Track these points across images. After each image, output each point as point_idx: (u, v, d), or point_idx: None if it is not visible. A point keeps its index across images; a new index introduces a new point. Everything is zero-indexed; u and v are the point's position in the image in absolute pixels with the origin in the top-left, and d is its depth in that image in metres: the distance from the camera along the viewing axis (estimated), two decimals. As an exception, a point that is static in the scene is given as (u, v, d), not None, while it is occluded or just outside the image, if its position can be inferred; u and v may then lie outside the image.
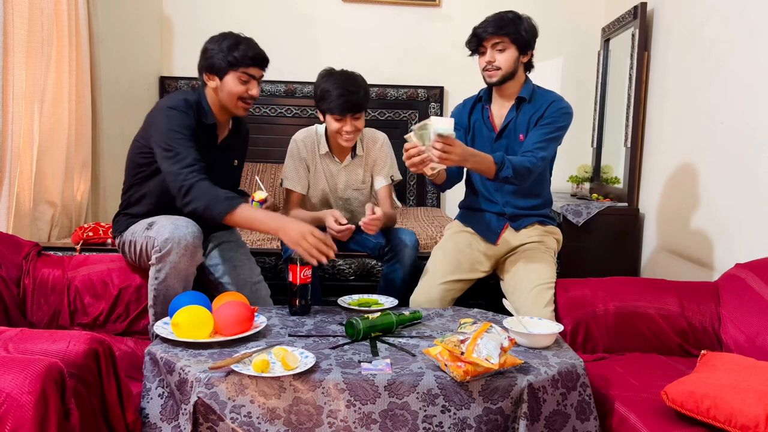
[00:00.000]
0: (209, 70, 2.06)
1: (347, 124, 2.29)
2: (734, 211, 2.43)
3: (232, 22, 4.03)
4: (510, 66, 2.19)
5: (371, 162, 2.51)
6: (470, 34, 2.23)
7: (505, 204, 2.28)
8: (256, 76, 2.07)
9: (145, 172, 2.07)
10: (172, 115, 1.97)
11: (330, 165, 2.47)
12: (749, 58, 2.38)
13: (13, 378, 1.26)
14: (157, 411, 1.57)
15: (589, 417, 1.59)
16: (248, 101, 2.08)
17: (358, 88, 2.27)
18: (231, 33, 2.07)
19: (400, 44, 4.15)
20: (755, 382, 1.49)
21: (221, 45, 2.03)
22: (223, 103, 2.08)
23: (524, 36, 2.18)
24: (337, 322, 1.90)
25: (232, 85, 2.04)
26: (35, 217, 2.66)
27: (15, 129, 2.46)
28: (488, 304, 2.47)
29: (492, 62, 2.18)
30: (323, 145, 2.44)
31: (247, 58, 2.03)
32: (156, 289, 1.91)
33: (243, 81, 2.05)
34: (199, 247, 1.92)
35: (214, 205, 1.88)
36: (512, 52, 2.18)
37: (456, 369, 1.48)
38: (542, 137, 2.15)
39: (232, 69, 2.03)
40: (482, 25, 2.19)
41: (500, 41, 2.16)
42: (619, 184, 3.44)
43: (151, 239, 1.91)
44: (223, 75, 2.04)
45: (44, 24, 2.61)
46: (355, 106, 2.26)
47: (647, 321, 2.07)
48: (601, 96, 3.86)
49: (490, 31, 2.16)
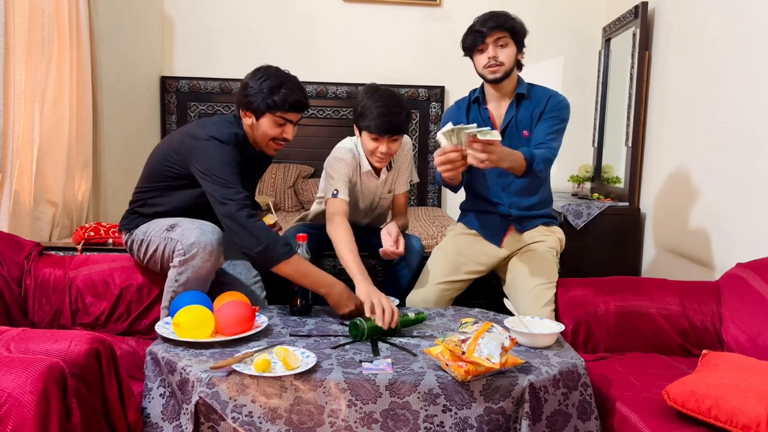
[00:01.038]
0: (247, 107, 2.00)
1: (383, 144, 2.16)
2: (735, 210, 2.43)
3: (234, 21, 4.05)
4: (511, 62, 2.18)
5: (398, 167, 2.41)
6: (467, 32, 2.20)
7: (510, 205, 2.27)
8: (294, 120, 2.03)
9: (171, 185, 2.06)
10: (224, 150, 1.93)
11: (370, 181, 2.35)
12: (750, 58, 2.38)
13: (14, 378, 1.26)
14: (159, 411, 1.57)
15: (591, 417, 1.59)
16: (280, 143, 2.05)
17: (401, 110, 2.14)
18: (275, 72, 2.01)
19: (401, 44, 4.15)
20: (756, 382, 1.49)
21: (262, 85, 1.97)
22: (256, 140, 2.05)
23: (521, 31, 2.19)
24: (338, 321, 1.90)
25: (267, 127, 2.00)
26: (36, 217, 2.66)
27: (16, 129, 2.46)
28: (489, 304, 2.47)
29: (495, 57, 2.16)
30: (365, 163, 2.30)
31: (287, 104, 1.98)
32: (174, 291, 1.91)
33: (279, 124, 2.01)
34: (222, 253, 1.93)
35: (272, 249, 1.85)
36: (512, 47, 2.18)
37: (457, 369, 1.48)
38: (551, 129, 2.16)
39: (269, 111, 1.98)
40: (481, 22, 2.16)
41: (503, 36, 2.15)
42: (620, 183, 3.44)
43: (174, 242, 1.91)
44: (259, 116, 2.00)
45: (45, 24, 2.61)
46: (395, 128, 2.14)
47: (648, 321, 2.07)
48: (602, 95, 3.86)
49: (493, 26, 2.14)
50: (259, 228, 1.86)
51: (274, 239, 1.86)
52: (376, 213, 2.48)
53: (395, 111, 2.12)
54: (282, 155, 4.14)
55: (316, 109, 4.13)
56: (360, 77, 4.08)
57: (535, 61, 4.11)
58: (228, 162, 1.92)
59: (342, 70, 4.16)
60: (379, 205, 2.44)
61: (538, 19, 4.13)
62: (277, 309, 2.01)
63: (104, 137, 3.15)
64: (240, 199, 1.87)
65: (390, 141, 2.16)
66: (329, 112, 4.15)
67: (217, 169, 1.90)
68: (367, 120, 2.13)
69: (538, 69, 4.11)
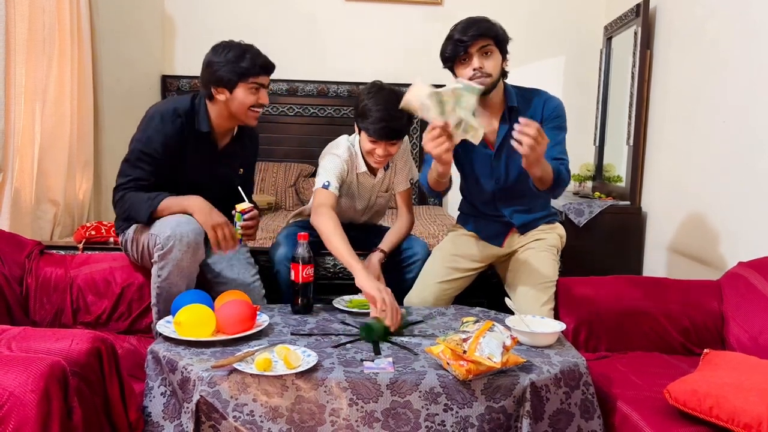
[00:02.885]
0: (218, 83, 1.99)
1: (381, 148, 2.12)
2: (737, 209, 2.43)
3: (234, 20, 4.05)
4: (498, 72, 2.01)
5: (395, 166, 2.38)
6: (446, 41, 2.01)
7: (511, 215, 2.21)
8: (265, 84, 2.04)
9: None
10: (148, 126, 2.00)
11: (366, 181, 2.32)
12: (751, 57, 2.38)
13: (16, 377, 1.26)
14: (160, 409, 1.57)
15: (593, 416, 1.59)
16: (257, 110, 2.05)
17: (402, 114, 2.01)
18: (232, 43, 2.02)
19: (401, 43, 4.15)
20: (758, 381, 1.49)
21: (226, 56, 1.97)
22: (235, 114, 2.04)
23: (505, 38, 2.02)
24: (339, 320, 1.90)
25: (242, 97, 2.00)
26: (37, 216, 2.66)
27: (17, 128, 2.46)
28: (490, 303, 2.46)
29: (481, 68, 1.97)
30: (361, 164, 2.25)
31: (257, 67, 1.98)
32: (159, 287, 1.91)
33: (253, 91, 2.01)
34: (201, 244, 1.92)
35: (138, 208, 1.95)
36: (497, 56, 2.00)
37: (458, 368, 1.48)
38: (555, 140, 2.02)
39: (241, 81, 1.98)
40: (462, 30, 1.97)
41: (487, 44, 1.97)
42: (622, 182, 3.44)
43: (153, 237, 1.91)
44: (232, 87, 1.99)
45: (46, 23, 2.62)
46: (395, 133, 2.09)
47: (650, 319, 2.07)
48: (604, 94, 3.85)
49: (476, 33, 1.95)
50: (130, 199, 1.97)
51: (142, 199, 1.95)
52: (373, 211, 2.47)
53: (396, 116, 2.03)
54: (283, 154, 4.16)
55: (317, 108, 4.13)
56: (361, 76, 4.07)
57: (536, 60, 4.11)
58: (142, 139, 1.99)
59: (343, 69, 4.16)
60: (376, 203, 2.43)
61: (539, 17, 4.14)
62: (278, 308, 2.01)
63: (105, 136, 3.16)
64: (121, 185, 1.99)
65: (389, 145, 2.12)
66: (330, 111, 4.15)
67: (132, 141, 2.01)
68: (366, 122, 2.09)
69: (539, 68, 4.12)
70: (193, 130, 2.03)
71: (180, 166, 2.03)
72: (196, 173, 2.06)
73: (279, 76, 4.03)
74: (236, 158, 2.20)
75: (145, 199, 1.95)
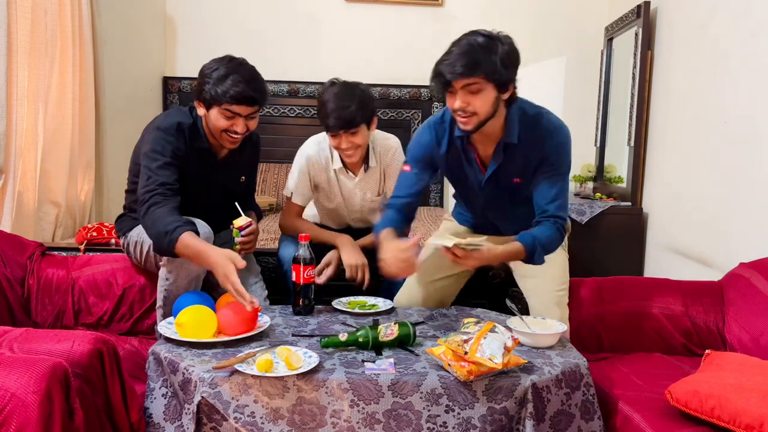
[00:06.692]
0: (197, 97, 1.93)
1: (342, 140, 2.11)
2: (738, 210, 2.42)
3: (235, 22, 4.05)
4: (488, 110, 1.75)
5: (384, 171, 2.35)
6: (433, 72, 1.77)
7: (506, 228, 2.09)
8: (242, 114, 1.90)
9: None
10: (157, 137, 1.91)
11: (345, 180, 2.31)
12: (753, 57, 2.38)
13: (18, 378, 1.26)
14: (161, 411, 1.57)
15: (594, 417, 1.59)
16: (233, 136, 1.94)
17: (351, 102, 2.04)
18: (229, 61, 1.92)
19: (403, 44, 4.15)
20: (760, 382, 1.49)
21: (213, 73, 1.88)
22: (212, 132, 1.97)
23: (502, 71, 1.71)
24: (341, 321, 1.90)
25: (214, 119, 1.91)
26: (39, 218, 2.66)
27: (19, 129, 2.47)
28: (491, 304, 2.47)
29: (464, 108, 1.73)
30: (336, 160, 2.25)
31: (228, 96, 1.85)
32: (166, 290, 1.90)
33: (227, 117, 1.90)
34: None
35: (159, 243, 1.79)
36: (489, 92, 1.72)
37: (459, 369, 1.48)
38: (553, 187, 1.85)
39: (215, 103, 1.88)
40: (448, 61, 1.72)
41: (473, 82, 1.70)
42: (623, 183, 3.44)
43: None
44: (208, 107, 1.92)
45: (48, 25, 2.62)
46: (347, 122, 2.06)
47: (651, 320, 2.07)
48: (605, 95, 3.85)
49: (459, 71, 1.69)
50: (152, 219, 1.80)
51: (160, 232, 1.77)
52: (367, 217, 2.45)
53: (345, 105, 2.05)
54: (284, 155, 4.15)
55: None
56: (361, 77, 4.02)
57: (538, 61, 4.11)
58: (156, 149, 1.88)
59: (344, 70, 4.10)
60: (369, 208, 2.41)
61: (540, 18, 4.14)
62: (279, 309, 2.01)
63: (107, 138, 3.16)
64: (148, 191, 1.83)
65: (348, 135, 2.11)
66: (331, 112, 4.15)
67: (144, 156, 1.89)
68: (322, 118, 2.11)
69: (540, 69, 4.11)
70: (194, 143, 2.00)
71: (180, 177, 1.98)
72: (196, 184, 2.02)
73: (280, 77, 4.10)
74: (237, 167, 2.16)
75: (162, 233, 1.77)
